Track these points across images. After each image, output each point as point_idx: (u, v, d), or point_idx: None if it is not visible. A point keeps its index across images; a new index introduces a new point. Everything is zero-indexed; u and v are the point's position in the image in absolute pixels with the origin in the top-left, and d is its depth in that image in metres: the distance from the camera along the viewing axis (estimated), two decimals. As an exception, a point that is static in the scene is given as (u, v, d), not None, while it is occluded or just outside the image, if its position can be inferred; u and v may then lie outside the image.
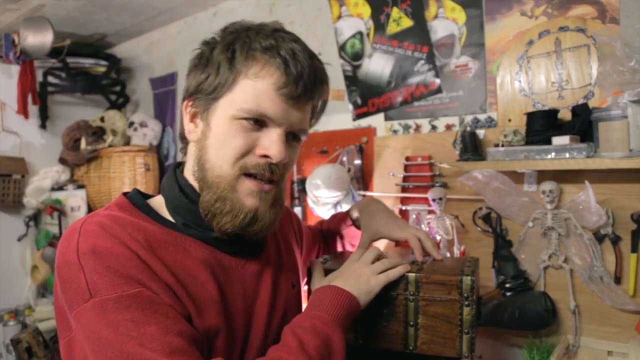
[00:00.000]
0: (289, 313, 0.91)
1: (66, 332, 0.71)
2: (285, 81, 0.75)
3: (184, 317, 0.70)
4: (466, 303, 0.89)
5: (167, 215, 0.81)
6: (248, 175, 0.77)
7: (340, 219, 1.23)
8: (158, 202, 0.83)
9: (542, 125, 1.35)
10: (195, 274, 0.75)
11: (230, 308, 0.78)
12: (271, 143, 0.77)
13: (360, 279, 0.88)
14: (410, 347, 0.92)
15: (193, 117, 0.81)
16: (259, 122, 0.76)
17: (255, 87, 0.75)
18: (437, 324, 0.90)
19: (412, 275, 0.92)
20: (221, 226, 0.77)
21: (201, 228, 0.78)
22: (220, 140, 0.76)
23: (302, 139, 0.85)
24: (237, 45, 0.76)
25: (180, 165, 0.86)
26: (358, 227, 1.19)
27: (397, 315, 0.93)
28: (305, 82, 0.76)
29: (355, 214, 1.19)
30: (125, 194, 0.83)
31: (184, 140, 0.85)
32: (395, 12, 1.78)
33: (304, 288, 1.17)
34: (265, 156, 0.77)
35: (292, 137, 0.82)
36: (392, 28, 1.79)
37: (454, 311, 0.89)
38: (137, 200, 0.81)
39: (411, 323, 0.92)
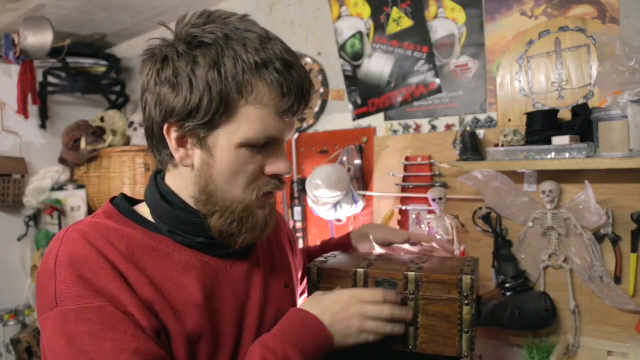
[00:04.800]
0: (283, 313, 0.88)
1: (42, 340, 0.73)
2: (285, 102, 0.73)
3: (154, 331, 0.69)
4: (466, 302, 0.89)
5: (154, 221, 0.80)
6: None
7: (338, 239, 1.22)
8: (145, 208, 0.82)
9: (542, 125, 1.35)
10: (177, 279, 0.74)
11: (217, 311, 0.77)
12: (279, 161, 0.78)
13: (349, 324, 0.82)
14: (410, 347, 0.92)
15: (181, 144, 0.75)
16: (265, 144, 0.76)
17: (258, 114, 0.72)
18: (437, 323, 0.90)
19: (411, 274, 0.92)
20: (242, 242, 0.79)
21: (187, 234, 0.78)
22: (229, 170, 0.75)
23: None
24: (223, 64, 0.70)
25: (160, 172, 0.84)
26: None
27: None
28: (300, 97, 0.75)
29: (356, 232, 1.20)
30: (112, 200, 0.83)
31: (163, 158, 0.80)
32: (395, 12, 1.78)
33: (302, 292, 1.16)
34: (275, 174, 0.79)
35: None
36: (392, 28, 1.79)
37: (453, 310, 0.89)
38: (124, 206, 0.81)
39: (411, 322, 0.92)
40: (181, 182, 0.79)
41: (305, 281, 1.14)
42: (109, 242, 0.72)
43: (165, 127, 0.74)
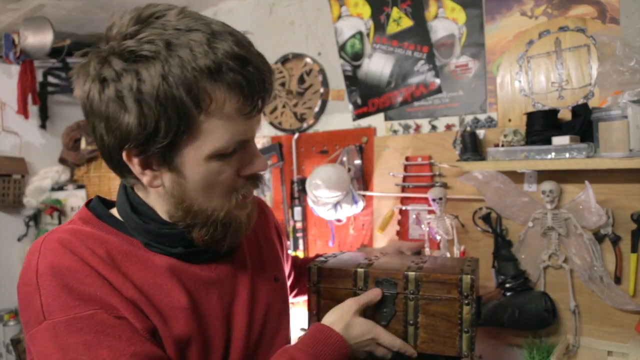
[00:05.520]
0: (273, 308, 0.88)
1: (28, 354, 0.70)
2: (248, 104, 0.67)
3: (148, 332, 0.68)
4: (466, 302, 0.89)
5: None
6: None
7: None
8: None
9: (542, 125, 1.35)
10: (161, 283, 0.72)
11: (204, 314, 0.75)
12: (253, 160, 0.74)
13: (358, 352, 0.89)
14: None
15: (146, 166, 0.70)
16: (235, 149, 0.71)
17: (222, 124, 0.66)
18: (437, 322, 0.90)
19: (411, 274, 0.92)
20: (227, 245, 0.77)
21: (162, 246, 0.75)
22: (202, 184, 0.70)
23: None
24: (172, 76, 0.62)
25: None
26: None
27: (397, 315, 0.93)
28: (262, 92, 0.69)
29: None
30: (87, 204, 0.79)
31: (129, 181, 0.75)
32: (395, 12, 1.78)
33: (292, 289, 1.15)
34: (252, 174, 0.75)
35: None
36: (392, 28, 1.79)
37: (453, 310, 0.89)
38: (100, 211, 0.78)
39: (411, 322, 0.92)
40: (152, 197, 0.75)
41: (292, 276, 1.13)
42: (89, 249, 0.69)
43: (124, 154, 0.68)
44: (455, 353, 0.90)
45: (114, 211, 0.79)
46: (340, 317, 0.87)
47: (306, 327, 1.02)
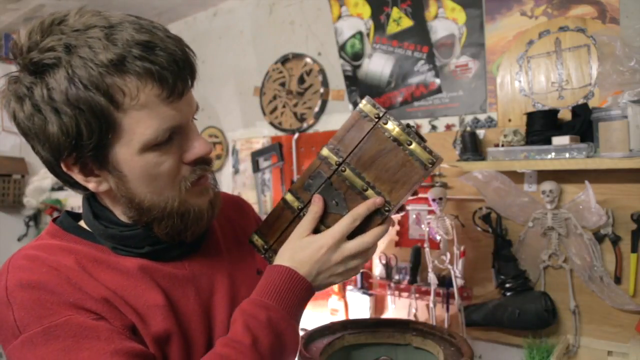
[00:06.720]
0: None
1: None
2: (165, 88, 0.65)
3: (127, 329, 0.68)
4: (397, 124, 0.79)
5: None
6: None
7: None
8: None
9: (542, 125, 1.35)
10: (135, 284, 0.72)
11: (182, 312, 0.75)
12: (193, 144, 0.72)
13: (330, 274, 0.76)
14: (387, 210, 0.77)
15: (87, 173, 0.70)
16: (170, 136, 0.69)
17: (145, 114, 0.65)
18: (383, 163, 0.78)
19: (325, 151, 0.79)
20: (192, 234, 0.75)
21: (129, 248, 0.75)
22: (144, 178, 0.69)
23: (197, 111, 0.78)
24: (77, 78, 0.62)
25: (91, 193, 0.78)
26: None
27: (347, 195, 0.79)
28: (178, 72, 0.66)
29: None
30: (55, 220, 0.80)
31: (82, 192, 0.76)
32: (395, 12, 1.78)
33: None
34: (196, 159, 0.73)
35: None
36: (392, 28, 1.79)
37: (389, 144, 0.80)
38: (68, 224, 0.78)
39: (364, 188, 0.78)
40: (108, 202, 0.76)
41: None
42: (57, 260, 0.69)
43: (62, 165, 0.69)
44: (423, 172, 0.78)
45: (82, 223, 0.79)
46: (290, 256, 0.77)
47: None
